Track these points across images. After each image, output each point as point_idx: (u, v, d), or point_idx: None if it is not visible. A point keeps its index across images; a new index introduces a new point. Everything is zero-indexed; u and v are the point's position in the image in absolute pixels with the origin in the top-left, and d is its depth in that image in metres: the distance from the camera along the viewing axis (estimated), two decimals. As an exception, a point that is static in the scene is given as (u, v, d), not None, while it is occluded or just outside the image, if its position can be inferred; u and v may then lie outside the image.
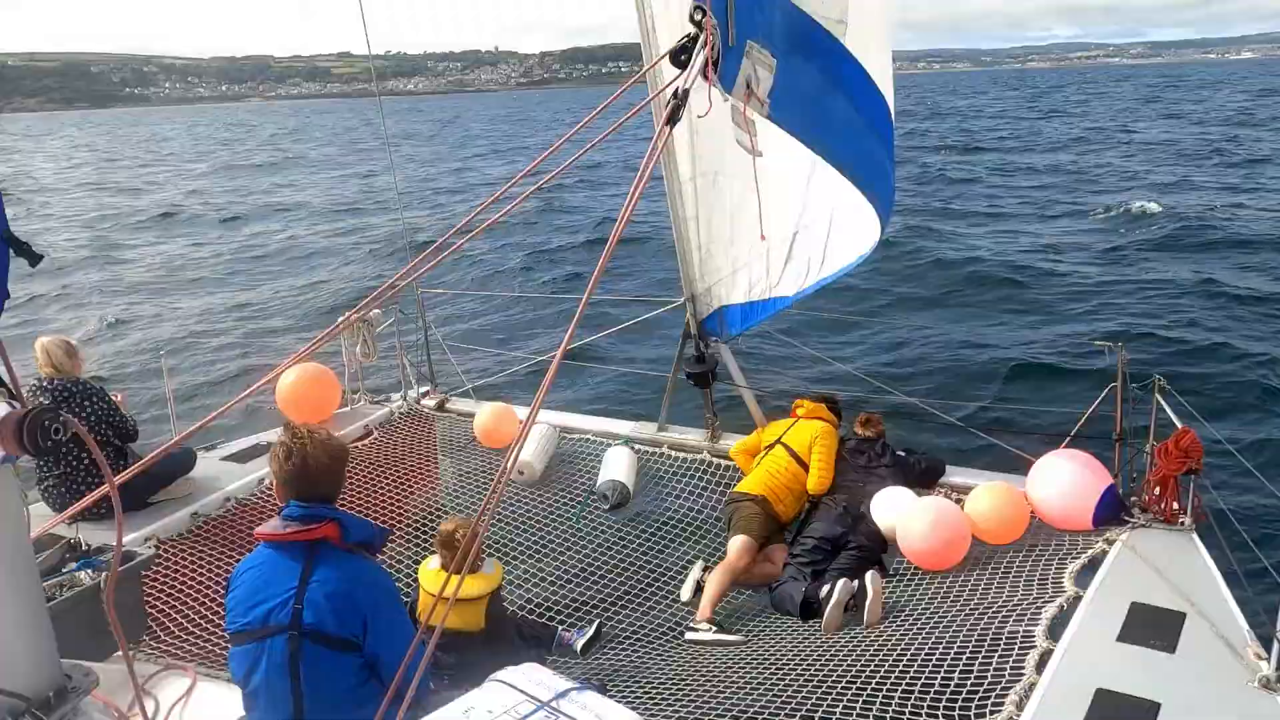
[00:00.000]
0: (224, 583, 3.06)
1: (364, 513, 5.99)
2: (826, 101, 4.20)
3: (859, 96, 4.47)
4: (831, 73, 4.16)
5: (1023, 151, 38.02)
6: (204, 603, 4.94)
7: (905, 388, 7.31)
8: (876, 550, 5.22)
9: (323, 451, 2.93)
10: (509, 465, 2.60)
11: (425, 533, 5.85)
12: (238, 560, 3.15)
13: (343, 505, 5.85)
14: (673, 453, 6.42)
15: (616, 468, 6.09)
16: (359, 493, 6.19)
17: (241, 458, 6.46)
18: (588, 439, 6.75)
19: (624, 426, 6.82)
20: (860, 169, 4.74)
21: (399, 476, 6.49)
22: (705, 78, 2.85)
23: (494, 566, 4.41)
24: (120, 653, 2.48)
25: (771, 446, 5.75)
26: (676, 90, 2.74)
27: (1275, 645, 3.45)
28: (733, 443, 6.19)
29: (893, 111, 4.90)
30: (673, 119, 2.69)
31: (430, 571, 4.36)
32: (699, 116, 2.78)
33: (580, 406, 7.75)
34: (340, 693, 2.85)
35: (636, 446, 6.49)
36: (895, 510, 5.16)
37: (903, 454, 5.67)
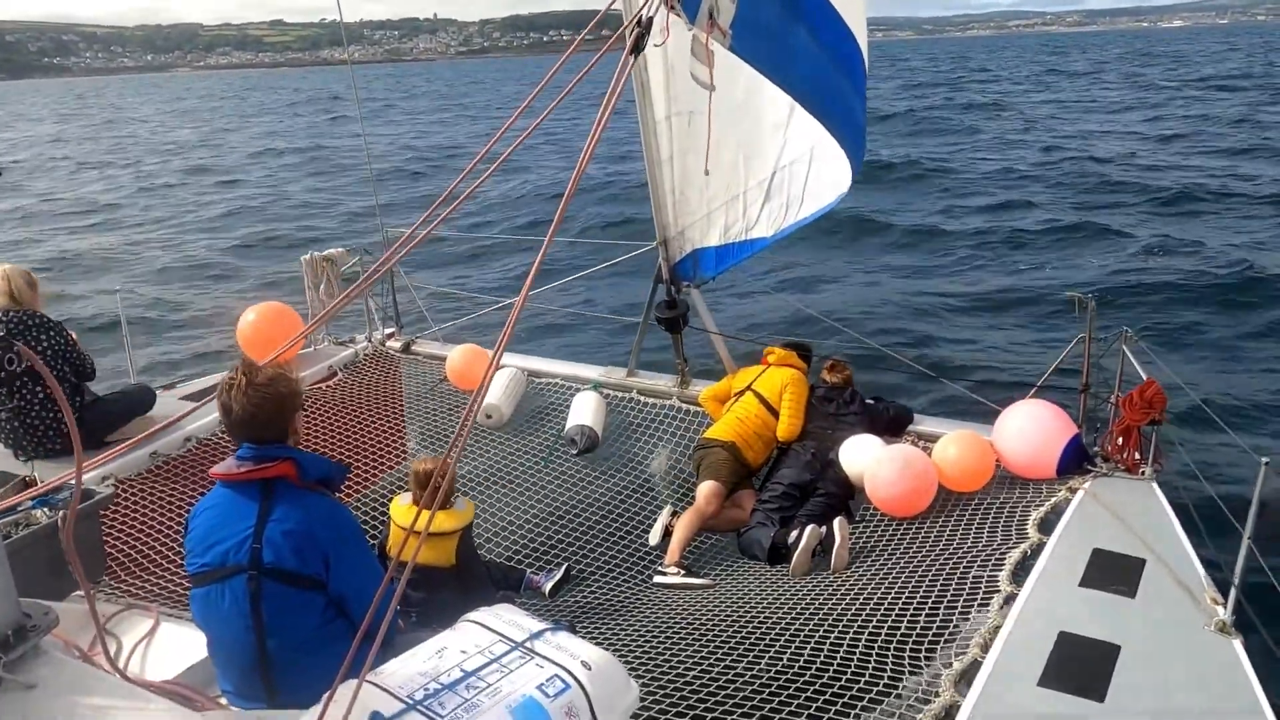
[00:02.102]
0: (185, 523, 2.98)
1: (329, 454, 5.91)
2: (788, 33, 4.12)
3: (822, 30, 4.38)
4: (793, 4, 4.07)
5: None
6: (165, 542, 4.86)
7: (875, 336, 7.33)
8: (844, 496, 5.26)
9: (267, 393, 2.84)
10: (476, 404, 2.54)
11: (393, 473, 5.79)
12: (201, 497, 3.08)
13: (306, 446, 5.84)
14: (642, 398, 6.39)
15: (585, 412, 6.05)
16: (324, 434, 6.10)
17: (202, 396, 6.33)
18: (556, 383, 6.70)
19: (593, 371, 6.77)
20: (827, 106, 4.67)
21: (364, 417, 6.40)
22: (668, 6, 2.77)
23: (465, 504, 4.38)
24: (80, 592, 2.41)
25: (742, 393, 5.74)
26: (640, 18, 2.65)
27: (1232, 591, 3.53)
28: (702, 389, 6.17)
29: (865, 51, 4.80)
30: (636, 48, 2.61)
31: (402, 507, 4.32)
32: (656, 45, 2.70)
33: (549, 351, 7.66)
34: (305, 632, 2.80)
35: (606, 391, 6.45)
36: (863, 457, 5.19)
37: (871, 402, 5.68)
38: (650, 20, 2.72)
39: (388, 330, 7.57)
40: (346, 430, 6.19)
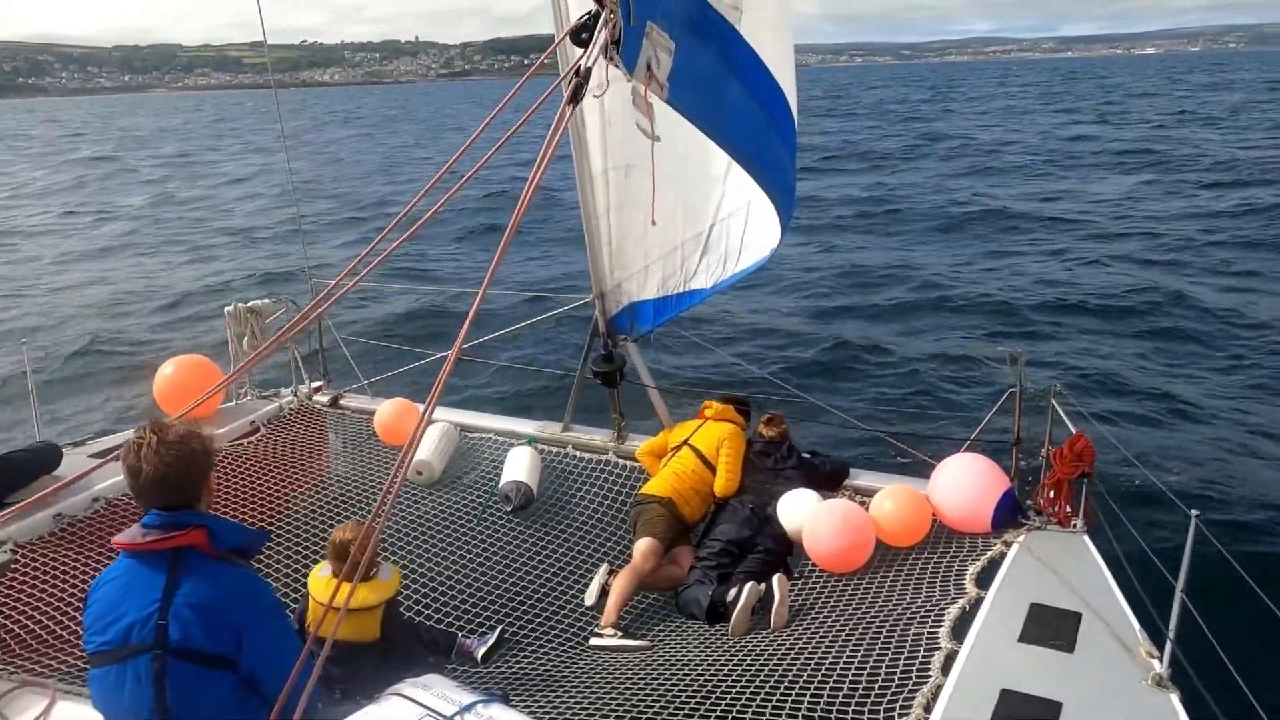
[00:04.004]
0: (88, 591, 2.75)
1: (246, 515, 5.65)
2: (722, 88, 4.15)
3: (756, 86, 4.43)
4: (727, 59, 4.11)
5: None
6: (66, 613, 4.54)
7: (812, 391, 7.36)
8: (783, 552, 5.20)
9: (180, 451, 2.64)
10: (403, 464, 2.41)
11: (316, 535, 5.55)
12: (107, 566, 2.86)
13: (223, 507, 5.58)
14: (578, 453, 6.28)
15: (519, 468, 5.91)
16: (242, 493, 5.84)
17: (113, 455, 6.01)
18: (490, 438, 6.55)
19: (528, 426, 6.64)
20: (760, 161, 4.71)
21: (287, 476, 6.15)
22: (607, 57, 2.74)
23: (391, 573, 4.18)
24: None
25: (679, 448, 5.67)
26: (578, 68, 2.61)
27: (1167, 645, 3.55)
28: (639, 443, 6.09)
29: (794, 108, 4.87)
30: (574, 98, 2.57)
31: (321, 580, 4.10)
32: (595, 96, 2.66)
33: (483, 405, 7.51)
34: (214, 715, 2.59)
35: (541, 446, 6.32)
36: (801, 512, 5.15)
37: (808, 456, 5.67)
38: (589, 70, 2.69)
39: (314, 384, 7.34)
40: (267, 489, 5.93)
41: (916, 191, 27.83)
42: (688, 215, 5.46)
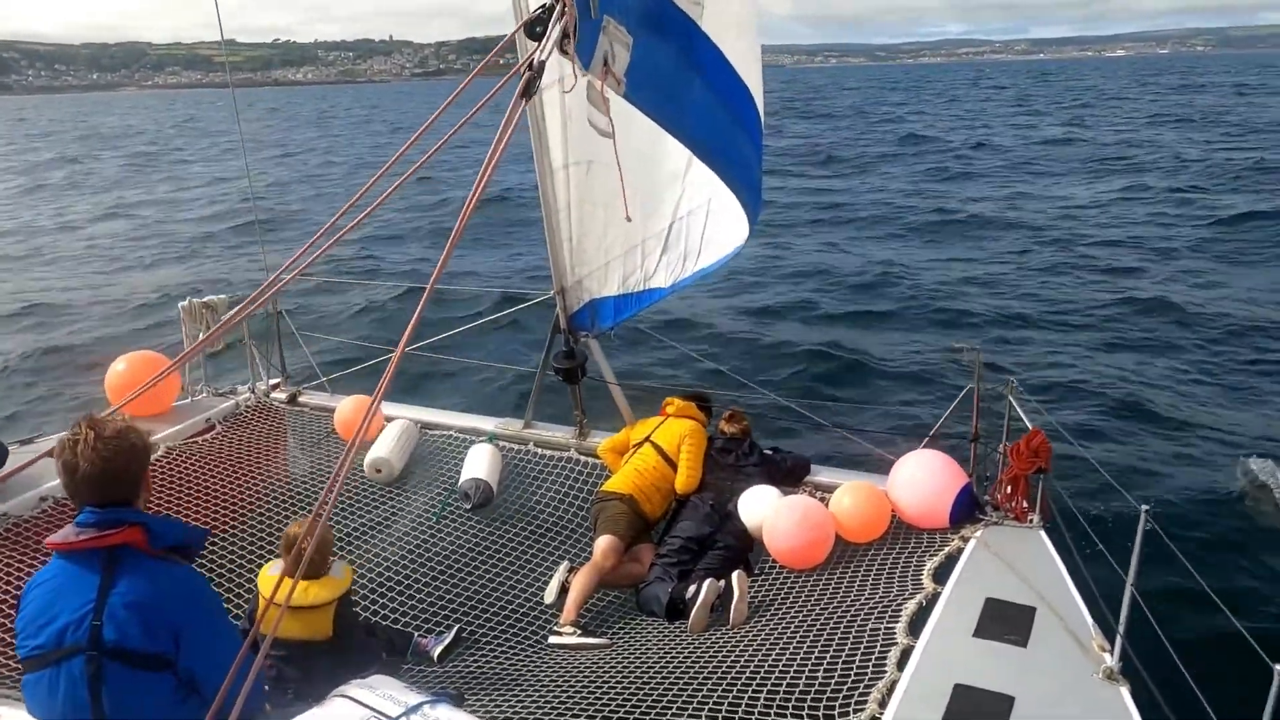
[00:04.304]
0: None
1: (201, 513, 5.55)
2: (683, 84, 4.11)
3: (719, 83, 4.40)
4: (688, 54, 4.08)
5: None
6: (9, 614, 4.42)
7: (773, 387, 7.38)
8: (743, 549, 5.19)
9: (118, 446, 2.57)
10: (348, 457, 2.36)
11: (273, 533, 5.46)
12: None
13: (177, 505, 5.48)
14: (539, 450, 6.23)
15: (479, 465, 5.85)
16: (196, 491, 5.73)
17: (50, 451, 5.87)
18: (451, 435, 6.48)
19: (489, 423, 6.58)
20: (725, 158, 4.68)
21: (243, 473, 6.05)
22: (563, 51, 2.70)
23: (343, 570, 4.12)
24: None
25: (640, 445, 5.65)
26: (531, 62, 2.57)
27: (1118, 638, 3.58)
28: (601, 440, 6.06)
29: (760, 105, 4.85)
30: (527, 92, 2.52)
31: (270, 578, 4.03)
32: (565, 92, 2.63)
33: (444, 402, 7.43)
34: (153, 718, 2.52)
35: (502, 444, 6.27)
36: (761, 509, 5.15)
37: (770, 452, 5.67)
38: (542, 64, 2.65)
39: (272, 381, 7.23)
40: (222, 487, 5.83)
41: (877, 192, 28.05)
42: (647, 213, 5.44)
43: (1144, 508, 3.56)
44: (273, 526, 5.58)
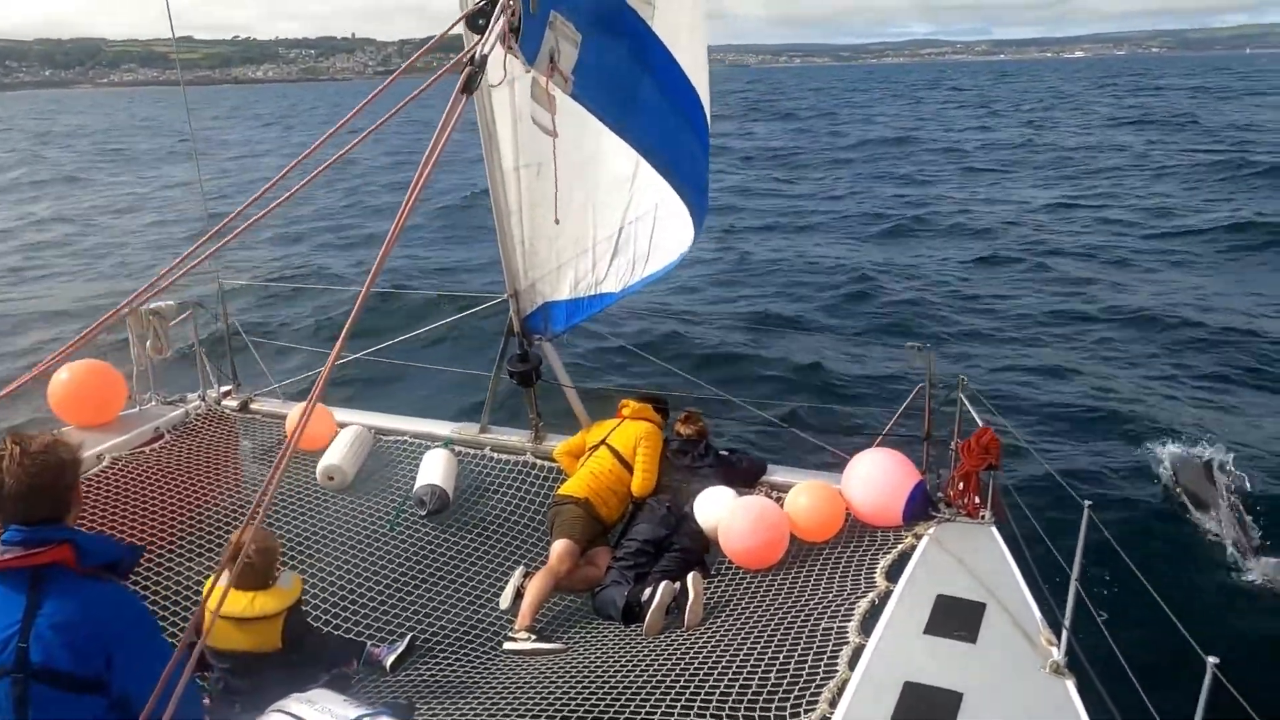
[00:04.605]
0: None
1: (149, 525, 5.44)
2: (633, 85, 4.08)
3: (669, 85, 4.38)
4: (639, 55, 4.04)
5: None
6: None
7: (728, 388, 7.39)
8: (699, 550, 5.20)
9: (46, 460, 2.49)
10: (283, 459, 2.31)
11: (222, 545, 5.36)
12: None
13: (121, 517, 5.36)
14: (495, 454, 6.19)
15: (434, 471, 5.80)
16: (144, 503, 5.62)
17: None
18: (406, 441, 6.41)
19: (444, 428, 6.52)
20: (674, 162, 4.67)
21: (193, 484, 5.94)
22: (505, 45, 2.65)
23: (292, 580, 4.06)
24: None
25: (596, 448, 5.63)
26: (473, 56, 2.51)
27: (1063, 632, 3.63)
28: (557, 443, 6.03)
29: (708, 108, 4.84)
30: (468, 87, 2.47)
31: (218, 589, 3.94)
32: (493, 86, 2.59)
33: (399, 408, 7.35)
34: None
35: (458, 448, 6.22)
36: (717, 510, 5.15)
37: (726, 453, 5.68)
38: (484, 58, 2.60)
39: (224, 388, 7.10)
40: (171, 498, 5.72)
41: (831, 191, 28.30)
42: (597, 217, 5.42)
43: (1086, 503, 3.61)
44: (223, 537, 5.49)
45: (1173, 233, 20.35)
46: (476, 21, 2.69)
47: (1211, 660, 2.68)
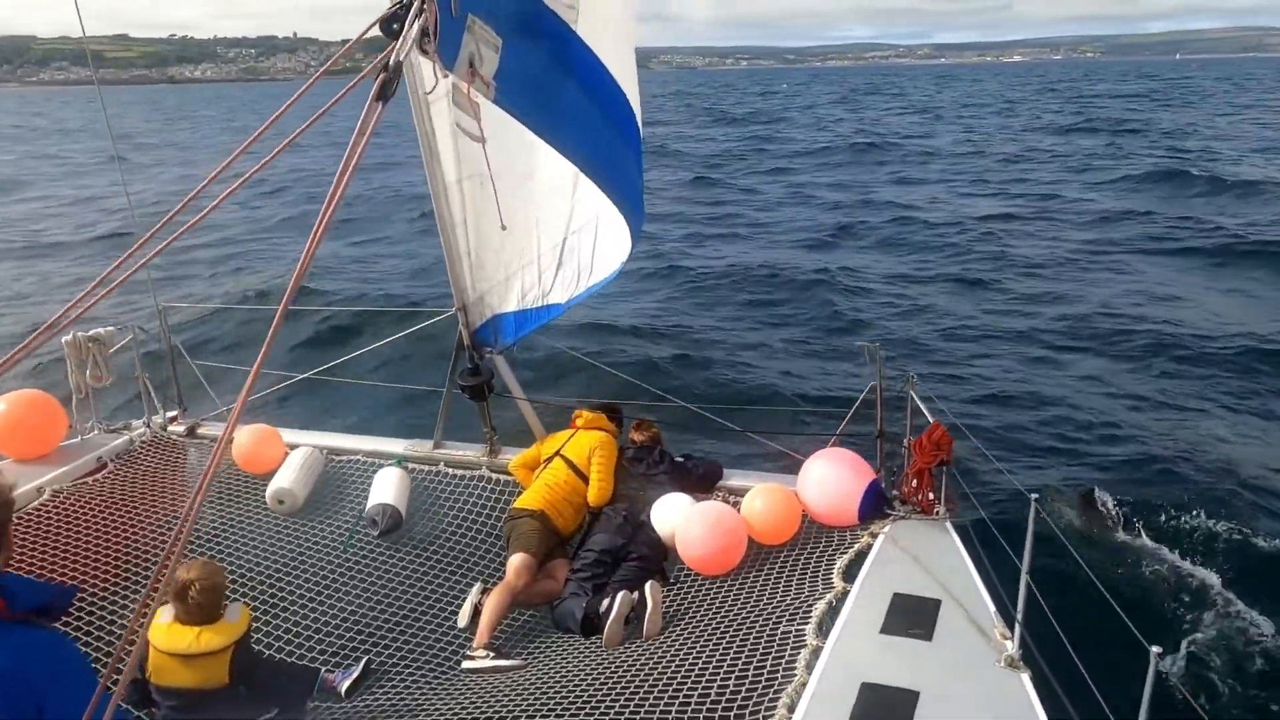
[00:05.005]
0: None
1: (93, 559, 5.28)
2: (558, 90, 4.03)
3: (595, 88, 4.32)
4: (561, 59, 3.98)
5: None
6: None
7: (682, 394, 7.37)
8: (658, 558, 5.17)
9: None
10: (203, 486, 2.24)
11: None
12: None
13: (63, 552, 5.19)
14: (449, 470, 6.10)
15: (386, 490, 5.70)
16: (87, 536, 5.46)
17: None
18: (358, 460, 6.30)
19: (397, 445, 6.42)
20: (605, 167, 4.63)
21: (139, 513, 5.78)
22: (421, 50, 2.59)
23: (239, 613, 3.95)
24: None
25: (550, 459, 5.58)
26: (386, 62, 2.46)
27: (1016, 626, 3.65)
28: (512, 457, 5.97)
29: (638, 112, 4.79)
30: (384, 94, 2.41)
31: (160, 626, 3.83)
32: (426, 93, 2.53)
33: (352, 427, 7.23)
34: None
35: (411, 465, 6.12)
36: (674, 517, 5.14)
37: (681, 459, 5.66)
38: (399, 65, 2.54)
39: (169, 413, 6.93)
40: (116, 530, 5.56)
41: (771, 194, 28.44)
42: (541, 228, 5.37)
43: (1033, 496, 3.64)
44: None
45: (1111, 236, 20.78)
46: (391, 26, 2.62)
47: (1154, 650, 2.71)
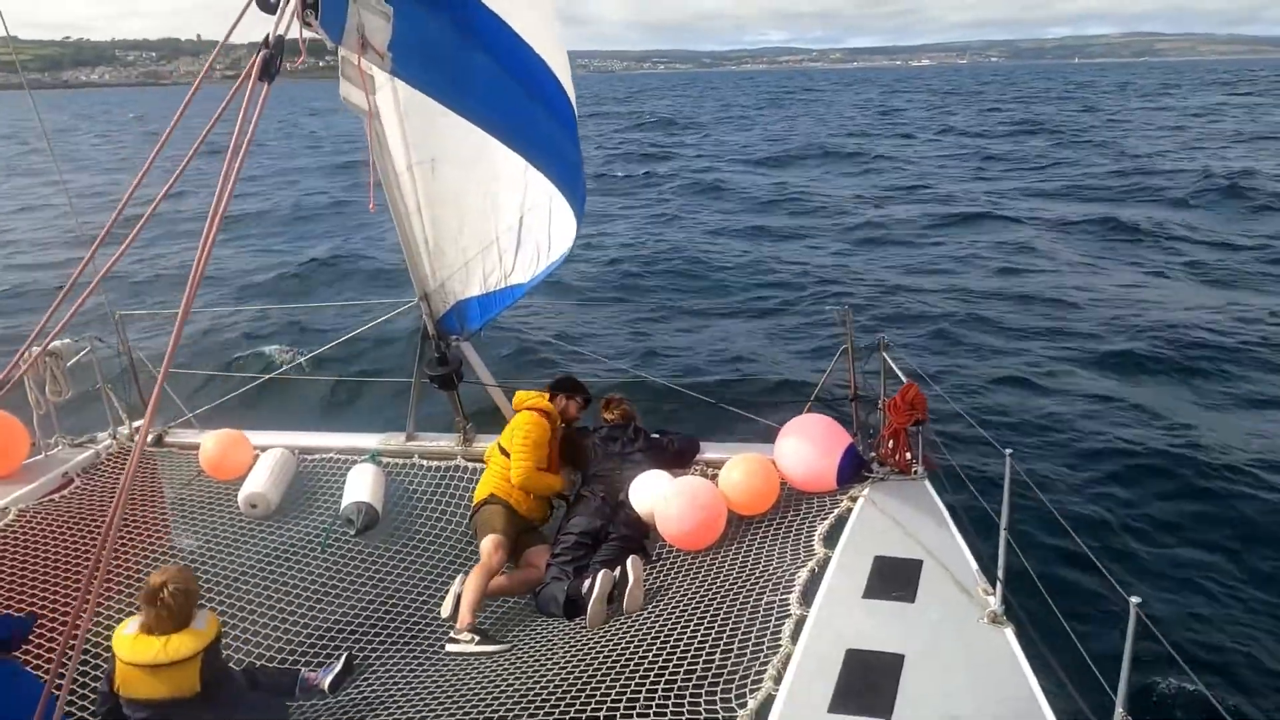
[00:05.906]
0: None
1: (61, 576, 5.17)
2: (463, 60, 3.81)
3: (508, 58, 4.09)
4: (464, 26, 3.76)
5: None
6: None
7: (654, 370, 7.30)
8: (638, 537, 5.12)
9: None
10: (124, 491, 2.14)
11: (141, 588, 5.11)
12: None
13: (31, 572, 5.08)
14: (424, 462, 6.02)
15: (361, 488, 5.61)
16: (55, 553, 5.34)
17: None
18: (331, 458, 6.20)
19: (371, 440, 6.32)
20: (526, 138, 4.44)
21: (109, 528, 5.65)
22: (303, 22, 2.46)
23: (207, 620, 3.87)
24: None
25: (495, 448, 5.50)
26: (267, 38, 2.33)
27: (999, 583, 3.62)
28: (487, 444, 5.87)
29: (567, 83, 4.58)
30: (266, 73, 2.29)
31: (126, 637, 3.74)
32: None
33: (322, 425, 7.11)
34: None
35: (385, 460, 6.03)
36: (652, 495, 5.08)
37: (656, 436, 5.59)
38: (280, 39, 2.40)
39: (135, 423, 6.78)
40: (84, 545, 5.44)
41: (730, 177, 28.24)
42: (497, 209, 5.26)
43: (1007, 452, 3.61)
44: (143, 579, 5.23)
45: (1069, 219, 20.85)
46: (268, 1, 2.49)
47: (1134, 600, 2.68)
